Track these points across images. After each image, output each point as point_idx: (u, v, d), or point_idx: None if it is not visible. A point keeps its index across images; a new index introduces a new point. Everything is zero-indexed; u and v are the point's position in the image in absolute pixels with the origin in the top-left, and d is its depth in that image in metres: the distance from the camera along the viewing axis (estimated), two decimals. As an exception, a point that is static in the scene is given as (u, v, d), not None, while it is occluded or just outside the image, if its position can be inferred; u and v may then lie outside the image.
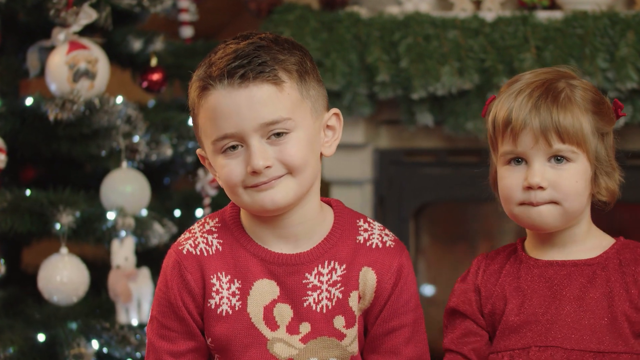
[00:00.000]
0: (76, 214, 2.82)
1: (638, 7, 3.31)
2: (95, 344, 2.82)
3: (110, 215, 2.86)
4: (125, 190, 2.89)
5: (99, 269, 2.99)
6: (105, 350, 2.83)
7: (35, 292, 2.87)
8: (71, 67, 2.80)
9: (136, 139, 2.93)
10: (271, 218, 1.92)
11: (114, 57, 3.03)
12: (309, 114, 1.90)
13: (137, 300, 2.87)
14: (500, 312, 1.93)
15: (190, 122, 3.14)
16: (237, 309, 1.92)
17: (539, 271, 1.92)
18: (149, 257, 3.03)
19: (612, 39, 3.18)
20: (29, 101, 2.87)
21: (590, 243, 1.93)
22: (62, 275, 2.79)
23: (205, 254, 1.94)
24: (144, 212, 2.95)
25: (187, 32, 3.31)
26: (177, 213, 3.21)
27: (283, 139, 1.86)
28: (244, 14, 3.78)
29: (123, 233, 2.86)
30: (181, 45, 3.27)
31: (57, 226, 2.80)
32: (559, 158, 1.86)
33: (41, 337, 2.83)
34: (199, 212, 3.23)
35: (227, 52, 1.87)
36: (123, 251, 2.87)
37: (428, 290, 3.73)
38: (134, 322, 2.86)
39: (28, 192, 2.87)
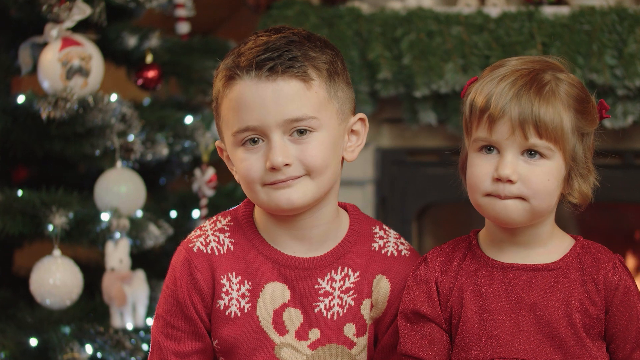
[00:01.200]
0: (69, 215, 2.82)
1: (647, 2, 3.31)
2: (89, 349, 2.83)
3: (105, 217, 2.86)
4: (119, 190, 2.90)
5: (93, 271, 3.00)
6: (99, 355, 2.84)
7: (27, 296, 2.88)
8: (64, 64, 2.81)
9: (131, 138, 2.93)
10: (286, 219, 1.94)
11: (108, 54, 3.04)
12: (335, 116, 1.91)
13: (132, 303, 2.87)
14: (457, 317, 1.90)
15: (186, 120, 3.14)
16: (246, 311, 1.93)
17: (498, 274, 1.89)
18: (144, 260, 3.04)
19: (620, 35, 3.18)
20: (20, 99, 2.88)
21: (551, 245, 1.91)
22: (55, 278, 2.80)
23: (217, 253, 1.95)
24: (139, 213, 2.95)
25: (183, 28, 3.32)
26: (173, 214, 3.22)
27: (306, 138, 1.87)
28: (242, 9, 3.78)
29: (117, 235, 2.87)
30: (177, 41, 3.27)
31: (50, 227, 2.80)
32: (532, 152, 1.83)
33: (33, 342, 2.84)
34: (195, 213, 3.24)
35: (257, 43, 1.89)
36: (117, 253, 2.87)
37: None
38: (129, 326, 2.87)
39: (20, 192, 2.87)
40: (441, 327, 1.91)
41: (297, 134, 1.87)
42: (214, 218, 2.01)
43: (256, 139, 1.88)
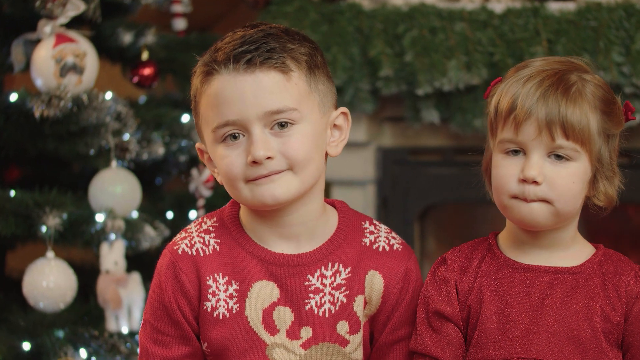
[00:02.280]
0: (63, 216, 2.82)
1: (655, -2, 3.31)
2: (83, 353, 2.82)
3: (99, 217, 2.86)
4: (114, 191, 2.90)
5: (87, 273, 2.99)
6: (93, 359, 2.83)
7: (20, 298, 2.87)
8: (58, 61, 2.80)
9: (126, 137, 2.93)
10: (272, 216, 1.93)
11: (103, 51, 3.03)
12: (317, 108, 1.91)
13: (127, 306, 2.87)
14: (475, 317, 1.92)
15: (183, 119, 3.14)
16: (234, 312, 1.92)
17: (519, 275, 1.91)
18: (140, 261, 3.04)
19: (628, 31, 3.18)
20: (13, 97, 2.87)
21: (573, 249, 1.93)
22: (49, 281, 2.79)
23: (202, 254, 1.94)
24: (135, 214, 2.95)
25: (180, 24, 3.32)
26: (170, 215, 3.22)
27: (287, 130, 1.87)
28: (240, 5, 3.78)
29: (112, 236, 2.86)
30: (174, 38, 3.27)
31: (43, 229, 2.80)
32: (559, 155, 1.85)
33: (26, 346, 2.83)
34: (192, 214, 3.23)
35: (234, 37, 1.90)
36: (112, 255, 2.87)
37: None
38: (124, 330, 2.86)
39: (12, 193, 2.87)
40: (458, 328, 1.93)
41: (279, 127, 1.87)
42: (199, 220, 2.01)
43: (237, 134, 1.88)
